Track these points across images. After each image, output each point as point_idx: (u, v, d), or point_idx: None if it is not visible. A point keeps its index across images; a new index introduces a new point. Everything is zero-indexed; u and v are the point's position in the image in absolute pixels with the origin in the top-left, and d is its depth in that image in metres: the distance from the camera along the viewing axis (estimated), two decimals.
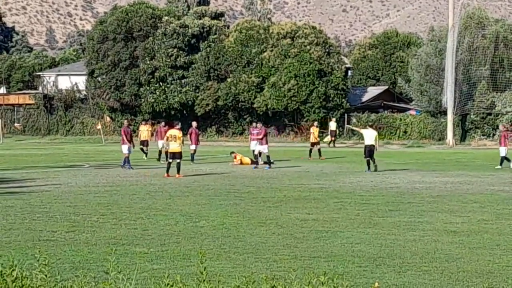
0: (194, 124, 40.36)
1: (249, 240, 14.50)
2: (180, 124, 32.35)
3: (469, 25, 64.21)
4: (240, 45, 71.05)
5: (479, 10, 69.32)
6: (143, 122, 46.31)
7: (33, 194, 23.06)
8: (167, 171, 29.98)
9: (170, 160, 30.54)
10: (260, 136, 36.15)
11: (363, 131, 35.34)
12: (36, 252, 9.24)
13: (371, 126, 37.08)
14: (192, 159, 38.29)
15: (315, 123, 48.39)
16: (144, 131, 43.80)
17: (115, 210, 19.10)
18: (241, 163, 37.59)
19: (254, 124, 40.31)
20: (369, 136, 33.75)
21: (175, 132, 30.80)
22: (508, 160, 35.59)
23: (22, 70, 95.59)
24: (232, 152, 39.29)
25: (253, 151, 37.61)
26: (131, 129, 38.16)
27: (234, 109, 71.57)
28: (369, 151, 33.20)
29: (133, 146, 36.27)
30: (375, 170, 32.46)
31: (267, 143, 36.28)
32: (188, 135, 39.68)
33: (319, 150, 43.55)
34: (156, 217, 17.70)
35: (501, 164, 35.57)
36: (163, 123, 42.71)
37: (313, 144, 44.08)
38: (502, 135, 37.19)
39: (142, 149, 42.38)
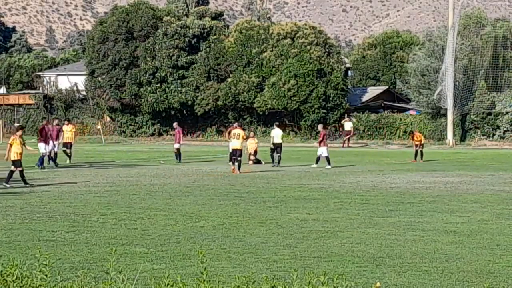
0: (175, 124, 42.98)
1: (249, 240, 14.50)
2: (241, 124, 37.05)
3: (468, 25, 64.22)
4: (240, 45, 71.03)
5: (478, 10, 69.35)
6: (66, 122, 41.57)
7: (33, 194, 23.06)
8: (234, 166, 32.17)
9: (234, 157, 32.59)
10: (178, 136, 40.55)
11: (271, 133, 38.69)
12: (36, 252, 9.25)
13: (278, 126, 39.56)
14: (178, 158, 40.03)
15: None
16: (67, 132, 39.74)
17: (115, 210, 19.10)
18: (250, 151, 38.41)
19: (175, 124, 42.92)
20: (276, 135, 37.57)
21: (239, 131, 33.50)
22: (319, 161, 35.88)
23: (22, 70, 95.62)
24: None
25: (178, 149, 40.34)
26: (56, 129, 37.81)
27: (234, 109, 71.58)
28: (276, 148, 37.04)
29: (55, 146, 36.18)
30: (278, 163, 36.27)
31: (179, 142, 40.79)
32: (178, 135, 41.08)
33: (419, 151, 41.87)
34: (156, 217, 17.70)
35: (329, 164, 35.57)
36: (56, 121, 40.15)
37: (418, 146, 42.11)
38: (321, 135, 36.96)
39: (65, 152, 39.12)
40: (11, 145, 26.22)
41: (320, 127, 39.09)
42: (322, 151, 36.12)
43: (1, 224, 16.61)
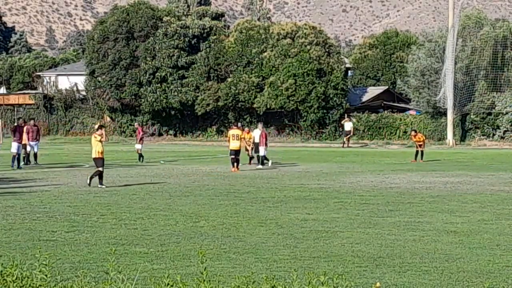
0: (136, 124, 44.68)
1: (249, 240, 14.50)
2: (240, 124, 37.72)
3: (468, 25, 64.21)
4: (240, 45, 71.02)
5: (477, 10, 69.35)
6: (30, 122, 40.43)
7: (33, 194, 23.06)
8: (233, 166, 33.32)
9: (232, 156, 33.65)
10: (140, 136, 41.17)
11: (253, 132, 38.87)
12: (36, 252, 9.25)
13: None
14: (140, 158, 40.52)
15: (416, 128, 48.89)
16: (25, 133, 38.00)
17: (115, 210, 19.11)
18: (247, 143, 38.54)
19: (136, 124, 44.54)
20: (259, 135, 37.65)
21: (237, 131, 34.86)
22: (267, 159, 36.44)
23: (22, 71, 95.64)
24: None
25: (139, 149, 41.03)
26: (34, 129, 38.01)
27: (234, 109, 71.57)
28: (258, 147, 37.30)
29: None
30: (259, 162, 36.53)
31: (142, 142, 41.49)
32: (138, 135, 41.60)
33: (419, 152, 42.07)
34: (156, 217, 17.70)
35: (262, 164, 36.07)
36: (32, 122, 40.03)
37: (419, 146, 42.29)
38: (262, 135, 36.82)
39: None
40: (100, 142, 26.25)
41: (260, 126, 38.76)
42: (261, 150, 36.37)
43: (1, 224, 16.61)
